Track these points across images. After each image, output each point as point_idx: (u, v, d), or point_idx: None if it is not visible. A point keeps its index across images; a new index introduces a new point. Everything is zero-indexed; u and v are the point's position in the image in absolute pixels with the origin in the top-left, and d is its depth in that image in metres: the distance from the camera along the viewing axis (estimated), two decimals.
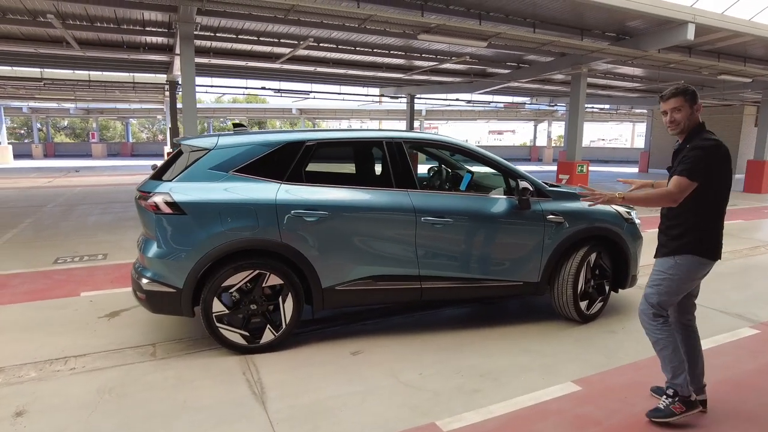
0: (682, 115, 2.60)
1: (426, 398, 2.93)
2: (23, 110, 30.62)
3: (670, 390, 2.67)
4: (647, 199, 2.58)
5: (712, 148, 2.51)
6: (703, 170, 2.48)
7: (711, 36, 9.78)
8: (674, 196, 2.51)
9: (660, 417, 2.65)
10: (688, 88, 2.61)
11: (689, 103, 2.59)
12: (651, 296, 2.68)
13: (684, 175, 2.49)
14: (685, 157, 2.53)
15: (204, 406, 2.86)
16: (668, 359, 2.65)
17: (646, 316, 2.70)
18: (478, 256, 3.85)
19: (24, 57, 12.43)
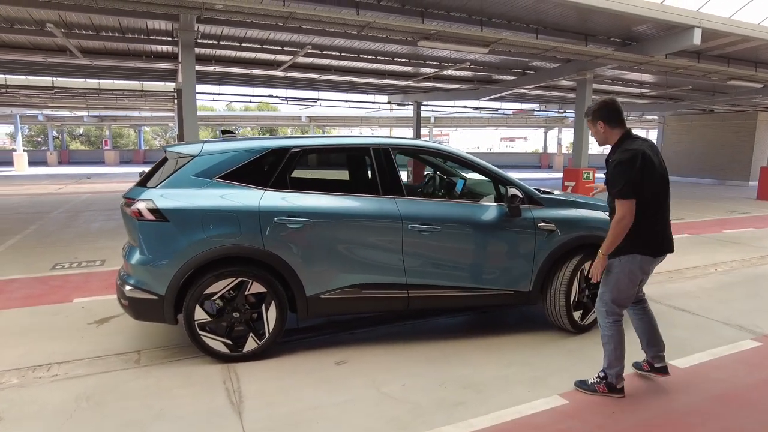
0: (593, 132, 2.99)
1: (406, 410, 2.85)
2: (39, 118, 31.18)
3: (602, 373, 3.03)
4: (615, 238, 2.78)
5: (630, 161, 2.73)
6: (631, 185, 2.71)
7: (719, 41, 9.62)
8: (627, 220, 2.74)
9: (584, 389, 3.05)
10: (589, 109, 2.97)
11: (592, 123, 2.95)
12: (604, 294, 2.99)
13: (620, 197, 2.74)
14: (612, 176, 2.77)
15: (179, 416, 2.81)
16: (610, 353, 2.98)
17: (599, 314, 3.03)
18: (466, 264, 3.78)
19: (34, 66, 12.66)
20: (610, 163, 2.83)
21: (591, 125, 2.97)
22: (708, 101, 18.30)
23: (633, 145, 2.79)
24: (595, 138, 3.01)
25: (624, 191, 2.72)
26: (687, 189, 18.69)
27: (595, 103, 2.98)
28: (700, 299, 5.02)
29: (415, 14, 7.97)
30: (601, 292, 3.00)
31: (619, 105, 2.92)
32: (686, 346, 3.80)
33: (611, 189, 2.80)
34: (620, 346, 2.96)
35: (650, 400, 2.99)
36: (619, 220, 2.76)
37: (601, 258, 2.86)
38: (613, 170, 2.78)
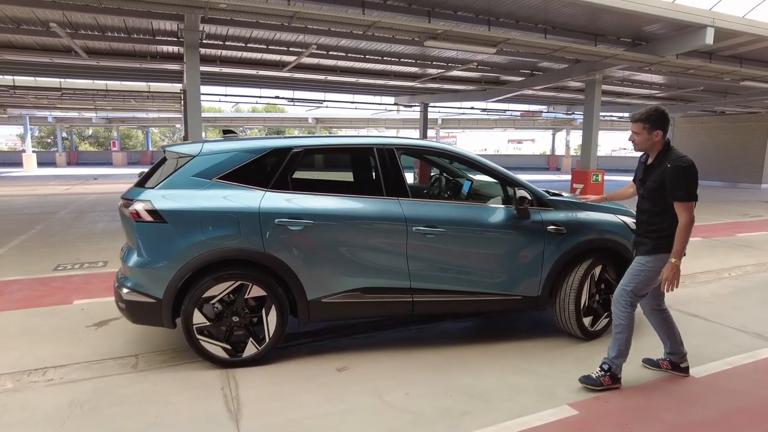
0: (643, 138, 3.02)
1: (408, 420, 2.75)
2: (48, 119, 31.41)
3: (605, 365, 3.09)
4: (684, 240, 2.89)
5: (693, 167, 2.90)
6: (695, 189, 2.92)
7: (732, 40, 9.45)
8: (691, 222, 2.89)
9: (590, 384, 3.07)
10: (651, 116, 2.97)
11: (648, 130, 2.98)
12: (629, 285, 3.05)
13: (688, 200, 2.88)
14: (677, 180, 2.87)
15: (175, 423, 2.72)
16: (622, 342, 3.07)
17: (619, 303, 3.07)
18: (473, 268, 3.66)
19: (42, 67, 12.70)
20: (670, 168, 2.88)
21: (645, 132, 2.98)
22: (719, 103, 18.04)
23: (682, 153, 2.95)
24: (639, 143, 3.04)
25: (692, 194, 2.88)
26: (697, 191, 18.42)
27: (652, 110, 2.99)
28: (714, 305, 4.87)
29: (421, 14, 7.89)
30: (626, 282, 3.06)
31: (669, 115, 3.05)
32: (700, 354, 3.66)
33: (677, 191, 2.87)
34: (631, 335, 3.09)
35: (665, 411, 2.86)
36: (688, 223, 2.88)
37: (676, 265, 2.89)
38: (678, 175, 2.87)
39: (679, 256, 2.89)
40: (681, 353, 3.27)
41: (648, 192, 3.03)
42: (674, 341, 3.25)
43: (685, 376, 3.27)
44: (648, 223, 3.04)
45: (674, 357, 3.29)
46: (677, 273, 2.91)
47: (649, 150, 3.06)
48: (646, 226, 3.05)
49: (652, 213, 3.01)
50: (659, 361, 3.36)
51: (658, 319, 3.25)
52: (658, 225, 2.97)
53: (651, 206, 3.02)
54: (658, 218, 2.98)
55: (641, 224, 3.10)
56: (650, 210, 3.03)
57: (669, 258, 2.92)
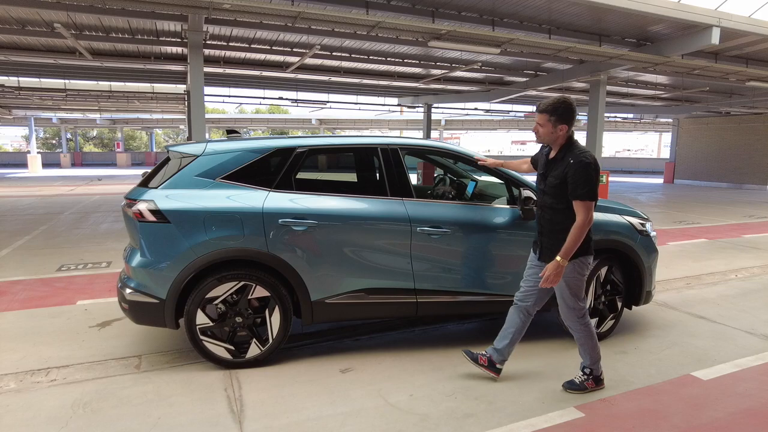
0: (546, 130, 2.87)
1: (413, 423, 2.72)
2: (53, 120, 31.56)
3: (587, 369, 3.06)
4: (575, 240, 2.76)
5: (595, 164, 2.77)
6: (595, 188, 2.77)
7: (738, 41, 9.39)
8: (589, 222, 2.76)
9: (575, 389, 3.04)
10: (558, 108, 2.81)
11: (552, 123, 2.83)
12: (568, 300, 2.95)
13: (587, 199, 2.75)
14: (577, 177, 2.74)
15: (177, 424, 2.71)
16: (591, 349, 3.03)
17: (571, 320, 2.99)
18: (477, 269, 3.63)
19: (46, 68, 12.76)
20: (572, 164, 2.77)
21: (549, 124, 2.84)
22: (725, 103, 17.95)
23: (586, 149, 2.85)
24: (542, 135, 2.91)
25: (591, 193, 2.75)
26: (702, 193, 18.35)
27: (561, 102, 2.84)
28: (720, 306, 4.83)
29: (425, 14, 7.88)
30: (564, 298, 2.95)
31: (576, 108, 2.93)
32: (708, 356, 3.63)
33: (577, 189, 2.75)
34: (596, 338, 3.05)
35: (672, 414, 2.82)
36: (585, 223, 2.75)
37: (561, 264, 2.78)
38: (580, 171, 2.74)
39: (566, 256, 2.77)
40: (504, 355, 3.19)
41: (550, 188, 2.90)
42: (512, 344, 3.16)
43: (495, 376, 3.17)
44: (552, 221, 2.92)
45: (496, 355, 3.18)
46: (560, 272, 2.79)
47: (552, 143, 2.93)
48: (550, 225, 2.93)
49: (555, 210, 2.89)
50: (479, 356, 3.22)
51: (521, 318, 3.13)
52: (564, 224, 2.83)
53: (554, 203, 2.89)
54: (561, 216, 2.85)
55: (544, 221, 2.98)
56: (553, 207, 2.91)
57: (588, 259, 2.87)
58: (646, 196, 16.74)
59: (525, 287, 3.12)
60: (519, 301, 3.14)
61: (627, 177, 27.52)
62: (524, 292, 3.12)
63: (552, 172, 2.90)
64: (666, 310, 4.71)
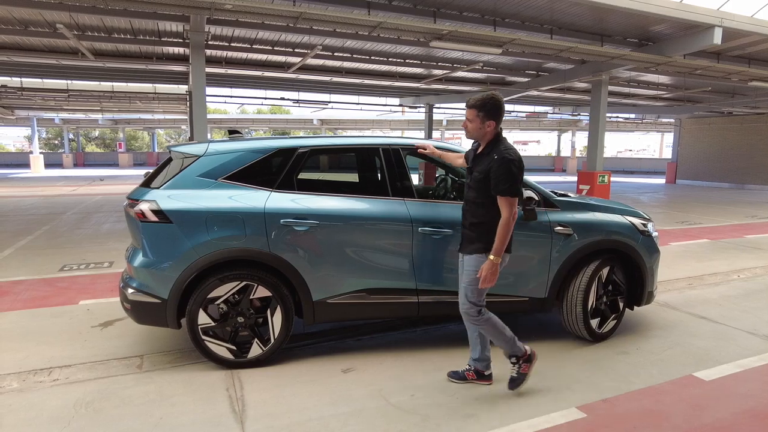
0: (474, 125, 2.89)
1: (414, 423, 2.72)
2: (55, 121, 31.63)
3: (513, 357, 3.03)
4: (503, 237, 2.79)
5: (519, 161, 2.81)
6: (519, 184, 2.82)
7: (740, 41, 9.38)
8: (513, 217, 2.80)
9: (519, 384, 3.01)
10: (486, 104, 2.83)
11: (480, 119, 2.85)
12: (471, 294, 2.92)
13: (510, 195, 2.78)
14: (500, 173, 2.76)
15: (179, 424, 2.71)
16: (505, 341, 3.00)
17: (470, 316, 2.96)
18: None
19: (48, 68, 12.78)
20: (496, 160, 2.80)
21: (477, 119, 2.86)
22: (727, 103, 17.91)
23: (511, 146, 2.87)
24: (471, 131, 2.93)
25: (515, 190, 2.78)
26: (704, 193, 18.31)
27: (489, 98, 2.85)
28: (723, 307, 4.82)
29: (427, 14, 7.88)
30: (467, 293, 2.94)
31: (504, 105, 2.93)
32: (710, 357, 3.62)
33: (499, 185, 2.77)
34: (502, 324, 3.01)
35: (674, 415, 2.82)
36: (509, 219, 2.78)
37: (495, 263, 2.80)
38: (503, 168, 2.77)
39: (498, 254, 2.79)
40: (487, 360, 3.17)
41: (474, 182, 2.92)
42: (484, 347, 3.14)
43: (489, 383, 3.14)
44: (472, 214, 2.95)
45: (479, 364, 3.16)
46: (495, 271, 2.81)
47: (481, 139, 2.95)
48: (470, 218, 2.96)
49: (476, 204, 2.91)
50: (464, 372, 3.19)
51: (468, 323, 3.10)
52: (482, 218, 2.87)
53: (475, 197, 2.92)
54: (482, 210, 2.89)
55: (465, 214, 3.01)
56: (475, 201, 2.93)
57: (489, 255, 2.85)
58: (648, 197, 16.71)
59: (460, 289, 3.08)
60: (461, 307, 3.08)
61: (629, 177, 27.48)
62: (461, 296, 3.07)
63: (477, 167, 2.92)
64: (668, 310, 4.71)
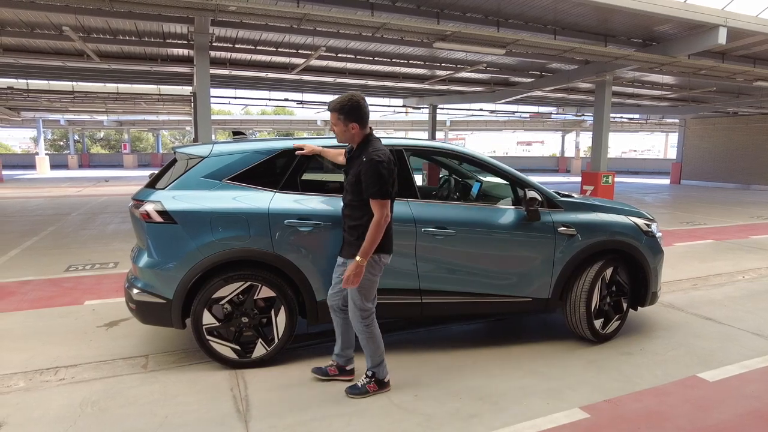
0: (340, 129, 2.88)
1: (417, 423, 2.73)
2: (61, 122, 31.81)
3: (369, 372, 3.04)
4: (372, 238, 2.77)
5: (388, 162, 2.79)
6: (388, 186, 2.78)
7: (745, 40, 9.34)
8: (384, 219, 2.78)
9: (356, 394, 3.00)
10: (345, 106, 2.82)
11: (343, 122, 2.84)
12: (357, 299, 2.91)
13: (380, 197, 2.76)
14: (370, 175, 2.75)
15: (184, 423, 2.73)
16: (373, 351, 3.00)
17: (356, 320, 2.96)
18: (482, 269, 3.63)
19: (54, 70, 12.85)
20: (365, 162, 2.78)
21: (340, 123, 2.86)
22: (732, 103, 17.83)
23: (381, 147, 2.86)
24: (338, 135, 2.93)
25: (384, 191, 2.76)
26: (709, 193, 18.23)
27: (347, 100, 2.85)
28: (727, 308, 4.80)
29: (430, 15, 7.89)
30: (352, 297, 2.93)
31: (368, 107, 2.91)
32: (714, 357, 3.62)
33: (369, 188, 2.76)
34: (381, 341, 3.02)
35: (678, 416, 2.82)
36: (380, 220, 2.77)
37: (360, 264, 2.78)
38: (371, 170, 2.75)
39: (365, 255, 2.77)
40: (349, 356, 3.20)
41: (348, 185, 2.93)
42: (348, 343, 3.17)
43: (350, 378, 3.18)
44: (350, 217, 2.94)
45: (341, 360, 3.20)
46: (360, 272, 2.79)
47: (351, 141, 2.94)
48: (349, 221, 2.95)
49: (353, 207, 2.91)
50: (327, 368, 3.21)
51: (340, 318, 3.14)
52: (359, 220, 2.86)
53: (351, 200, 2.92)
54: (359, 212, 2.87)
55: (345, 218, 3.00)
56: (351, 204, 2.92)
57: (386, 256, 2.90)
58: (653, 197, 16.66)
59: (334, 282, 3.12)
60: (330, 302, 3.14)
61: (633, 178, 27.39)
62: (333, 292, 3.12)
63: (350, 169, 2.92)
64: (672, 311, 4.70)
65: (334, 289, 3.12)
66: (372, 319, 2.99)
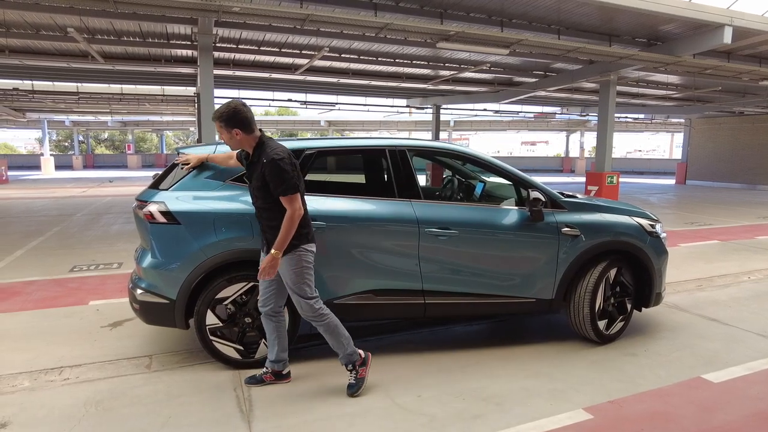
0: (226, 138, 2.90)
1: (420, 423, 2.73)
2: (66, 123, 31.99)
3: (349, 365, 3.07)
4: (286, 233, 2.83)
5: (288, 159, 2.85)
6: (294, 180, 2.83)
7: (751, 39, 9.29)
8: (297, 213, 2.83)
9: (357, 390, 3.02)
10: (223, 114, 2.83)
11: (225, 129, 2.86)
12: (304, 293, 2.95)
13: (289, 193, 2.81)
14: (274, 175, 2.79)
15: (188, 423, 2.74)
16: (338, 340, 3.04)
17: (310, 311, 2.98)
18: (485, 270, 3.63)
19: (59, 71, 12.92)
20: (266, 164, 2.80)
21: (224, 131, 2.87)
22: (738, 103, 17.73)
23: (277, 145, 2.89)
24: (228, 142, 2.94)
25: (291, 186, 2.81)
26: (715, 193, 18.14)
27: (225, 108, 2.86)
28: (732, 309, 4.78)
29: (434, 15, 7.88)
30: (294, 291, 2.96)
31: (250, 111, 2.92)
32: (719, 359, 3.59)
33: (277, 188, 2.80)
34: (340, 326, 3.06)
35: (682, 417, 2.80)
36: (293, 215, 2.82)
37: (275, 257, 2.83)
38: (274, 170, 2.79)
39: (280, 248, 2.82)
40: (284, 360, 3.18)
41: (255, 190, 2.94)
42: (282, 348, 3.16)
43: (288, 380, 3.19)
44: (267, 218, 2.96)
45: (277, 365, 3.17)
46: (275, 264, 2.85)
47: (244, 147, 2.94)
48: (267, 221, 2.96)
49: (267, 209, 2.93)
50: (263, 376, 3.18)
51: (273, 323, 3.11)
52: (278, 219, 2.87)
53: (263, 203, 2.93)
54: (272, 213, 2.90)
55: (261, 221, 3.02)
56: (264, 207, 2.94)
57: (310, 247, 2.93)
58: (657, 197, 16.59)
59: (261, 291, 3.09)
60: (262, 308, 3.10)
61: (638, 178, 27.29)
62: (263, 296, 3.09)
63: (253, 174, 2.93)
64: (677, 312, 4.67)
65: (265, 294, 3.08)
66: (322, 306, 3.01)
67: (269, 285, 3.07)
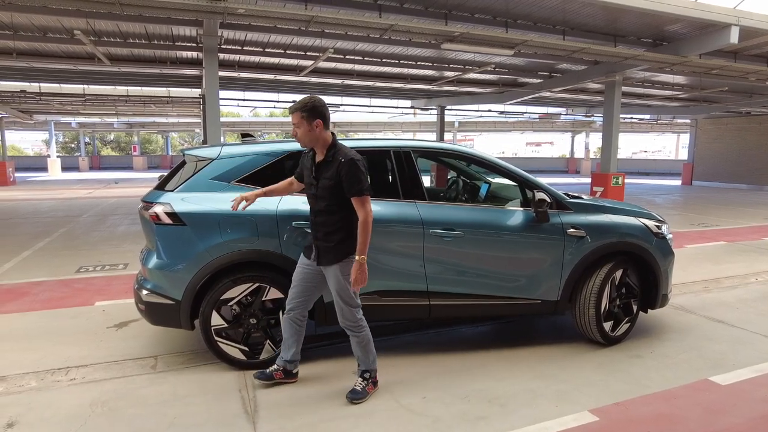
0: (304, 129, 2.84)
1: (425, 425, 2.72)
2: (72, 125, 32.17)
3: (366, 374, 3.05)
4: (366, 236, 2.80)
5: (363, 161, 2.84)
6: (367, 182, 2.83)
7: (758, 39, 9.22)
8: (371, 216, 2.82)
9: (359, 399, 2.97)
10: (307, 104, 2.81)
11: (307, 120, 2.82)
12: (350, 298, 2.94)
13: (364, 194, 2.79)
14: (351, 174, 2.77)
15: (193, 424, 2.75)
16: (368, 352, 3.04)
17: (351, 320, 2.96)
18: (491, 271, 3.62)
19: (66, 74, 13.00)
20: (344, 163, 2.78)
21: (304, 122, 2.82)
22: (745, 103, 17.62)
23: (349, 148, 2.91)
24: (300, 136, 2.87)
25: (367, 188, 2.81)
26: (721, 194, 18.02)
27: (308, 99, 2.85)
28: (740, 310, 4.74)
29: (438, 16, 7.88)
30: (342, 297, 2.93)
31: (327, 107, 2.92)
32: (726, 361, 3.57)
33: (353, 187, 2.78)
34: (372, 339, 3.06)
35: (689, 419, 2.78)
36: (368, 217, 2.80)
37: (362, 262, 2.81)
38: (352, 169, 2.78)
39: (363, 253, 2.80)
40: (296, 360, 3.19)
41: (323, 190, 2.87)
42: (298, 350, 3.16)
43: (294, 380, 3.21)
44: (326, 224, 2.90)
45: (289, 365, 3.17)
46: (365, 270, 2.82)
47: (315, 144, 2.89)
48: (325, 228, 2.90)
49: (329, 212, 2.88)
50: (273, 373, 3.17)
51: (296, 326, 3.09)
52: (338, 225, 2.86)
53: (327, 205, 2.87)
54: (336, 217, 2.87)
55: (318, 226, 2.94)
56: (327, 210, 2.88)
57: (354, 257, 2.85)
58: (663, 198, 16.50)
59: (293, 294, 3.07)
60: (290, 311, 3.08)
61: (644, 179, 27.15)
62: (294, 299, 3.06)
63: (324, 174, 2.87)
64: (683, 313, 4.65)
65: (296, 299, 3.05)
66: (363, 317, 3.01)
67: (301, 293, 3.05)
